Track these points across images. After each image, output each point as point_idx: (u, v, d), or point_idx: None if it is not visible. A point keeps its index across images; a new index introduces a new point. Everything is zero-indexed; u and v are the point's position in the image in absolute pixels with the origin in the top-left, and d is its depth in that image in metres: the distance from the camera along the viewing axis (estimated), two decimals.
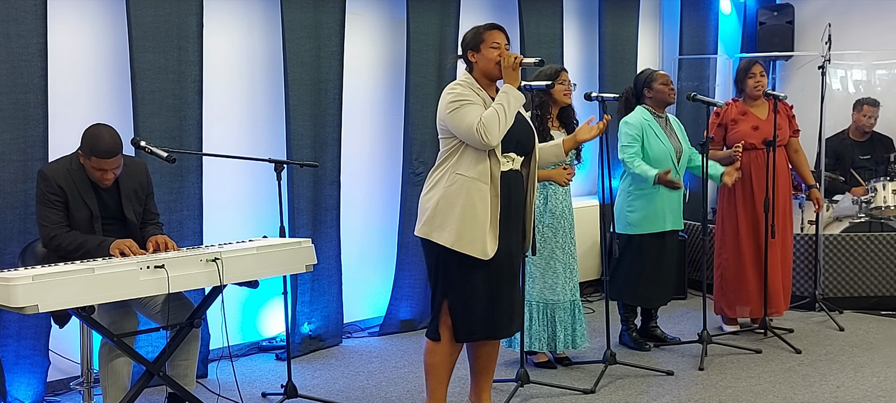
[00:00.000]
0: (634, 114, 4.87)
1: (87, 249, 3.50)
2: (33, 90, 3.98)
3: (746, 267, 5.18)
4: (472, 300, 3.47)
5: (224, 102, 4.82)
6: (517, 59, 3.44)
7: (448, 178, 3.45)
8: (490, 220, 3.40)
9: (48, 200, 3.56)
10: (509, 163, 3.52)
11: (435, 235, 3.45)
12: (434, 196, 3.47)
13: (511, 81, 3.45)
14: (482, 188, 3.40)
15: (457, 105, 3.40)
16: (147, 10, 4.29)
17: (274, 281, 4.80)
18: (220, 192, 4.81)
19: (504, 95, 3.41)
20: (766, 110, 5.18)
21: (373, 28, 5.45)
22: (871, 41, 6.91)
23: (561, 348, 4.53)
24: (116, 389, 3.62)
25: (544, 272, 4.46)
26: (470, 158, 3.42)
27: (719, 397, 4.18)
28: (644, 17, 6.83)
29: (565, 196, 4.51)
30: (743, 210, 5.18)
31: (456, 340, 3.55)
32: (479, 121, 3.33)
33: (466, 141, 3.41)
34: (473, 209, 3.39)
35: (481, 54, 3.50)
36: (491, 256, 3.41)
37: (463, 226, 3.39)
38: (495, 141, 3.36)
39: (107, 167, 3.56)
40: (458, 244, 3.40)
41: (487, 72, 3.51)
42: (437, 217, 3.44)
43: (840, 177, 6.43)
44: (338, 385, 4.47)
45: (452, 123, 3.41)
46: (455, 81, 3.55)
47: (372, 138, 5.50)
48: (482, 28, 3.54)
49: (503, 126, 3.37)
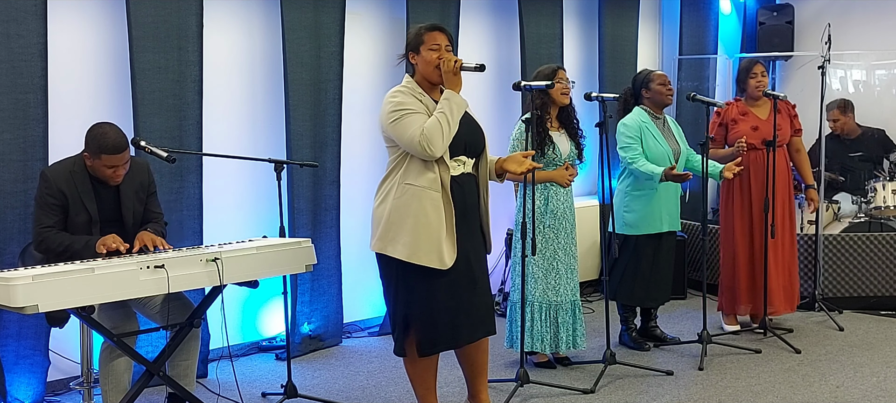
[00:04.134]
0: (632, 115, 4.87)
1: (75, 250, 3.50)
2: (33, 90, 3.99)
3: (740, 267, 5.19)
4: (434, 311, 3.36)
5: (224, 102, 4.82)
6: (457, 63, 3.31)
7: (397, 189, 3.34)
8: (445, 228, 3.31)
9: (46, 202, 3.56)
10: (460, 167, 3.42)
11: (389, 249, 3.35)
12: (385, 208, 3.37)
13: (452, 86, 3.31)
14: (433, 196, 3.30)
15: (397, 116, 3.29)
16: (147, 10, 4.29)
17: (274, 281, 4.80)
18: (220, 192, 4.81)
19: (446, 102, 3.28)
20: (767, 110, 5.18)
21: (373, 28, 5.45)
22: (870, 41, 6.92)
23: (563, 348, 4.53)
24: (116, 391, 3.62)
25: (547, 273, 4.45)
26: (417, 167, 3.32)
27: (719, 397, 4.18)
28: (644, 17, 6.83)
29: (566, 196, 4.51)
30: (740, 210, 5.19)
31: (419, 353, 3.44)
32: (421, 133, 3.22)
33: (410, 152, 3.30)
34: (426, 218, 3.29)
35: (421, 56, 3.38)
36: (449, 266, 3.31)
37: (417, 237, 3.29)
38: (440, 151, 3.26)
39: (117, 163, 3.55)
40: (413, 256, 3.30)
41: (427, 75, 3.39)
42: (390, 230, 3.34)
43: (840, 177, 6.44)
44: (338, 385, 4.47)
45: (394, 134, 3.31)
46: (395, 88, 3.42)
47: (372, 138, 5.49)
48: (423, 28, 3.42)
49: (447, 135, 3.25)
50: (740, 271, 5.22)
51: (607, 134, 4.39)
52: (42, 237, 3.55)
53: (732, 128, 5.18)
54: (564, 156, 4.44)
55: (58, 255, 3.52)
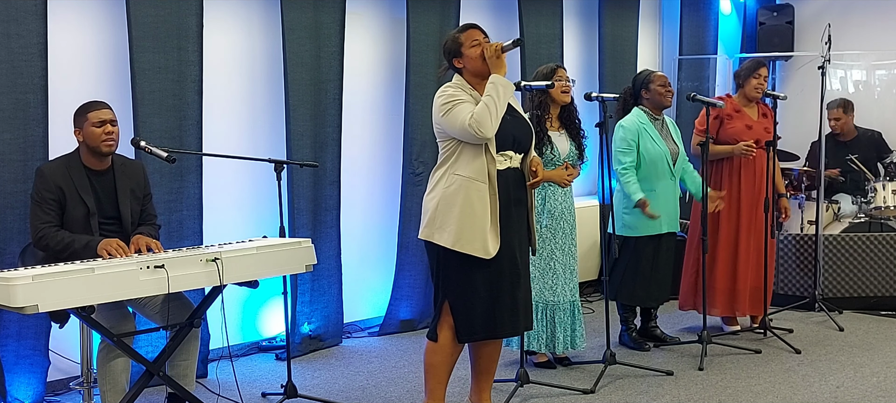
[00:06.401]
0: (630, 116, 4.87)
1: (75, 249, 3.50)
2: (33, 90, 3.99)
3: (719, 267, 5.17)
4: (473, 299, 3.48)
5: (224, 102, 4.82)
6: (497, 47, 3.46)
7: (446, 179, 3.46)
8: (490, 219, 3.41)
9: (43, 198, 3.57)
10: (507, 162, 3.52)
11: (436, 236, 3.47)
12: (434, 197, 3.49)
13: (497, 70, 3.45)
14: (480, 187, 3.41)
15: (448, 106, 3.42)
16: (147, 10, 4.29)
17: (274, 281, 4.80)
18: (220, 192, 4.81)
19: (492, 86, 3.41)
20: (756, 112, 5.20)
21: (373, 28, 5.45)
22: (870, 41, 6.92)
23: (561, 349, 4.53)
24: (115, 391, 3.61)
25: (544, 273, 4.45)
26: (466, 158, 3.44)
27: (719, 397, 4.18)
28: (644, 17, 6.83)
29: (565, 197, 4.50)
30: (727, 209, 5.14)
31: (458, 340, 3.55)
32: (470, 117, 3.34)
33: (462, 139, 3.42)
34: (472, 208, 3.40)
35: (465, 57, 3.52)
36: (492, 255, 3.42)
37: (462, 226, 3.40)
38: (490, 133, 3.37)
39: (105, 117, 3.61)
40: (458, 244, 3.41)
41: (476, 70, 3.52)
42: (438, 218, 3.46)
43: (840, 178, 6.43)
44: (338, 385, 4.47)
45: (447, 124, 3.44)
46: (446, 84, 3.56)
47: (372, 138, 5.50)
48: (457, 32, 3.58)
49: (495, 117, 3.37)
50: (720, 271, 5.18)
51: (607, 134, 4.39)
52: (41, 233, 3.55)
53: (727, 123, 5.17)
54: (563, 156, 4.44)
55: (57, 253, 3.52)
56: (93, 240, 3.51)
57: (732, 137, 5.09)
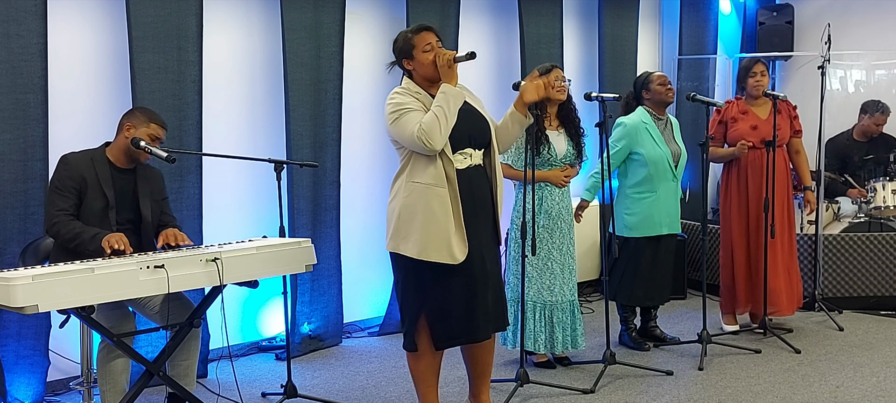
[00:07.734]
0: (633, 114, 4.87)
1: (83, 240, 3.51)
2: (33, 90, 3.99)
3: (739, 267, 5.20)
4: (450, 305, 3.41)
5: (224, 102, 4.83)
6: (450, 56, 3.38)
7: (405, 188, 3.40)
8: (454, 223, 3.35)
9: (63, 186, 3.59)
10: (467, 160, 3.44)
11: (401, 247, 3.41)
12: (395, 207, 3.43)
13: (448, 80, 3.37)
14: (440, 192, 3.34)
15: (397, 115, 3.36)
16: (147, 10, 4.29)
17: (274, 281, 4.80)
18: (220, 192, 4.81)
19: (442, 96, 3.33)
20: (767, 110, 5.18)
21: (373, 28, 5.45)
22: (870, 41, 6.92)
23: (560, 349, 4.53)
24: (114, 391, 3.62)
25: (541, 273, 4.45)
26: (422, 164, 3.37)
27: (719, 397, 4.18)
28: (644, 17, 6.83)
29: (563, 197, 4.50)
30: (737, 210, 5.19)
31: (436, 348, 3.50)
32: (418, 128, 3.27)
33: (412, 149, 3.36)
34: (433, 216, 3.33)
35: (416, 60, 3.44)
36: (461, 260, 3.35)
37: (426, 235, 3.34)
38: (439, 144, 3.30)
39: (160, 135, 3.74)
40: (424, 253, 3.35)
41: (427, 75, 3.45)
42: (401, 229, 3.40)
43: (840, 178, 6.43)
44: (337, 385, 4.47)
45: (396, 133, 3.38)
46: (395, 89, 3.48)
47: (372, 138, 5.50)
48: (410, 33, 3.48)
49: (445, 128, 3.29)
50: (739, 271, 5.22)
51: (607, 134, 4.39)
52: (55, 220, 3.56)
53: (732, 127, 5.18)
54: (561, 155, 4.44)
55: (66, 242, 3.54)
56: (100, 233, 3.52)
57: (737, 139, 5.09)
